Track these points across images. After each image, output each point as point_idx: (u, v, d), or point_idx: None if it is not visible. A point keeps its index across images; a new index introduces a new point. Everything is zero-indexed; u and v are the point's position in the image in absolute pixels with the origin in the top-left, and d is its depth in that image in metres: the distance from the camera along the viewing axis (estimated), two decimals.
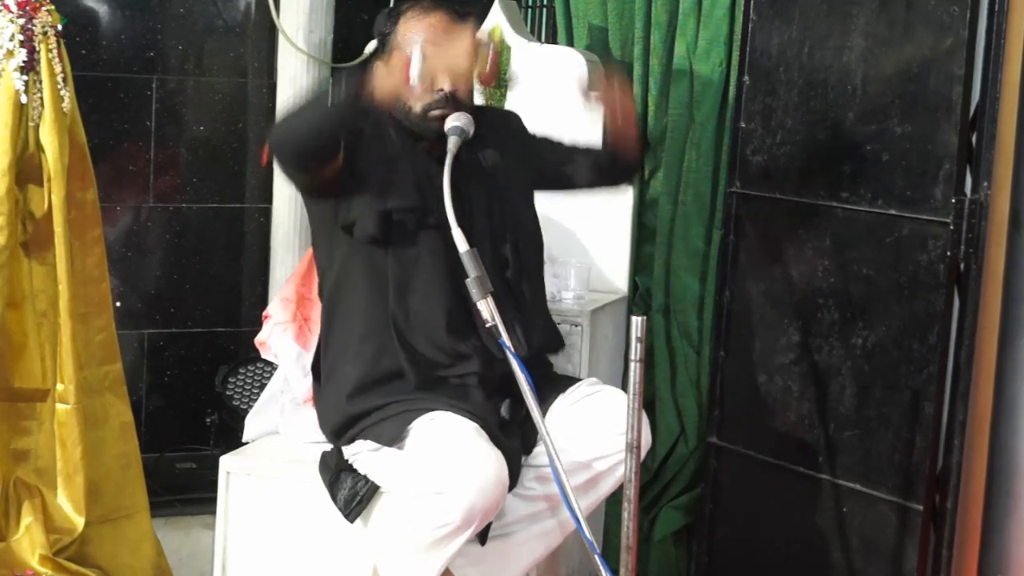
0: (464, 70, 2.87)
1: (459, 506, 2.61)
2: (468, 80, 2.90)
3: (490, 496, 2.63)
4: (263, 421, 3.34)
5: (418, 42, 2.83)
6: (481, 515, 2.64)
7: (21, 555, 3.14)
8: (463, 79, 2.88)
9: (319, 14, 4.04)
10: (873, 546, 3.07)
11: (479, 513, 2.63)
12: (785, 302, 3.23)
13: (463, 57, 2.84)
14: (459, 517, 2.62)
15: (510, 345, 2.51)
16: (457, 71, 2.85)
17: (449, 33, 2.88)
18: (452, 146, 2.78)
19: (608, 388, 2.94)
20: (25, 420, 3.19)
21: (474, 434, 2.71)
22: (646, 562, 3.71)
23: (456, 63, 2.84)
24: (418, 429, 2.77)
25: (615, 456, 2.78)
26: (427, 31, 2.88)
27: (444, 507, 2.62)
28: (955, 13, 2.85)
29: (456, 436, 2.71)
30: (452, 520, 2.62)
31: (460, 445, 2.69)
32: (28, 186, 3.13)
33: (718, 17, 3.60)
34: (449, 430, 2.73)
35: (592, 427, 2.80)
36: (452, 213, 2.62)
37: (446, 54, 2.84)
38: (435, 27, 2.89)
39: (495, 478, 2.64)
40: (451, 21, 2.90)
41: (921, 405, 2.94)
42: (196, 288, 4.20)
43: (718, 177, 3.63)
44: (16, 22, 3.05)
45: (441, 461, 2.68)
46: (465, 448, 2.68)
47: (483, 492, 2.62)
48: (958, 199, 2.85)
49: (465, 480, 2.62)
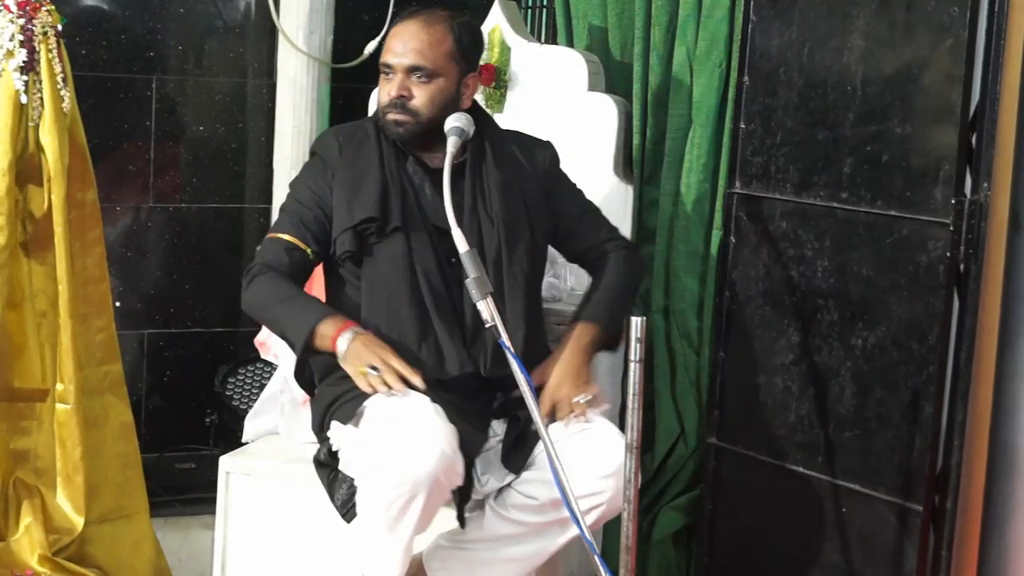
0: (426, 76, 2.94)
1: (403, 477, 2.62)
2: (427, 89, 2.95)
3: (434, 466, 2.62)
4: (263, 421, 3.35)
5: (387, 50, 2.98)
6: (428, 485, 2.63)
7: (21, 555, 3.14)
8: (419, 87, 2.94)
9: (319, 14, 4.04)
10: (872, 547, 3.07)
11: (424, 483, 2.62)
12: (785, 303, 3.23)
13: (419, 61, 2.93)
14: (405, 489, 2.62)
15: (509, 345, 2.51)
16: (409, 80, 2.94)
17: (409, 44, 2.95)
18: (451, 146, 2.82)
19: (600, 423, 2.89)
20: (25, 420, 3.19)
21: (423, 407, 2.72)
22: (646, 563, 3.71)
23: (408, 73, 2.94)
24: (371, 406, 2.79)
25: (597, 498, 2.76)
26: (393, 40, 2.98)
27: (389, 480, 2.63)
28: (955, 14, 2.85)
29: (405, 410, 2.72)
30: (400, 492, 2.62)
31: (407, 418, 2.70)
32: (28, 186, 3.13)
33: (718, 18, 3.60)
34: (400, 405, 2.74)
35: (579, 466, 2.72)
36: (452, 213, 2.63)
37: (402, 62, 2.94)
38: (399, 36, 2.97)
39: (440, 449, 2.64)
40: (417, 32, 2.96)
41: (921, 406, 2.94)
42: (196, 288, 4.20)
43: (718, 178, 3.63)
44: (16, 22, 3.05)
45: (386, 434, 2.70)
46: (411, 420, 2.69)
47: (425, 462, 2.62)
48: (958, 200, 2.85)
49: (407, 451, 2.63)
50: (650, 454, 3.72)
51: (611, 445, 2.79)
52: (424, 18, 2.98)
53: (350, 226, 2.91)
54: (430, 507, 2.69)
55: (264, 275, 2.91)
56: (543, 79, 3.84)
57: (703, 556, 3.46)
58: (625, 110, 3.78)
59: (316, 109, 4.08)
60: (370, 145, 2.99)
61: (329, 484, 2.85)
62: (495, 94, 3.87)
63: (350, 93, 4.15)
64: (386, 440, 2.68)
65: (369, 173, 2.95)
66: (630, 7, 3.81)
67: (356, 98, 3.99)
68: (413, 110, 2.94)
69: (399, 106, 2.94)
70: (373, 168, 2.96)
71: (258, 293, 2.92)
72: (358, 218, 2.91)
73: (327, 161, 3.01)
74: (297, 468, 3.04)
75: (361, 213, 2.91)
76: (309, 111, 4.06)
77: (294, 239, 2.94)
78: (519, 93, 3.87)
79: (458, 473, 2.72)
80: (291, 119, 4.06)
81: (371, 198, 2.92)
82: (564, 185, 3.15)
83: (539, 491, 2.83)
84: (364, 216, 2.91)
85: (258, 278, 2.92)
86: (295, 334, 2.86)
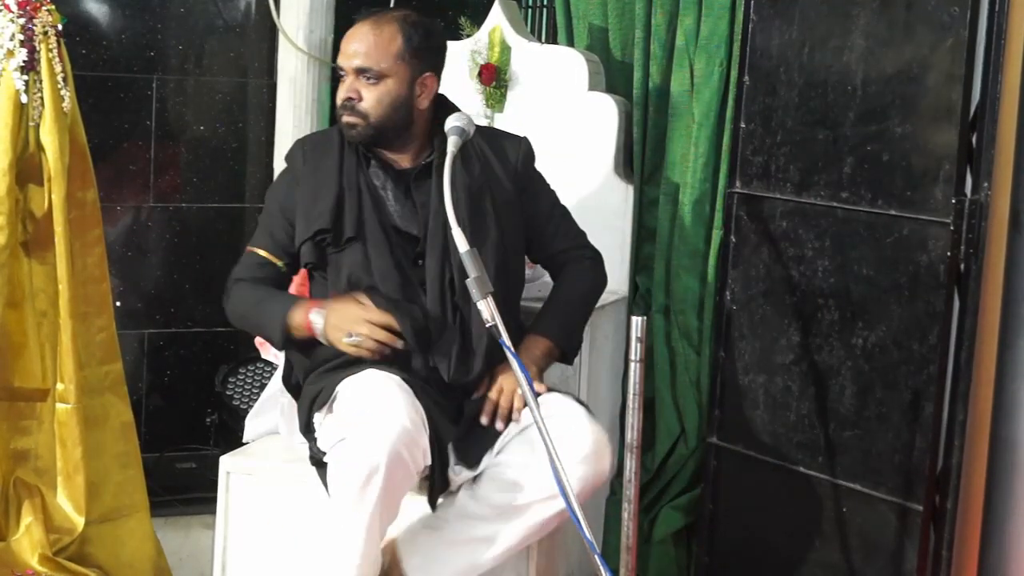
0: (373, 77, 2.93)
1: (364, 450, 2.62)
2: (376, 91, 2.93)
3: (395, 438, 2.61)
4: (263, 421, 3.34)
5: (340, 53, 2.97)
6: (388, 457, 2.61)
7: (21, 555, 3.14)
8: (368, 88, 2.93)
9: (319, 13, 4.04)
10: (873, 546, 3.07)
11: (384, 455, 2.61)
12: (785, 302, 3.23)
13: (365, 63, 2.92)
14: (366, 461, 2.61)
15: (509, 345, 2.50)
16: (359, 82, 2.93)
17: (358, 46, 2.95)
18: (452, 146, 2.80)
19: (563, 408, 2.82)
20: (25, 420, 3.19)
21: (389, 384, 2.73)
22: (646, 562, 3.71)
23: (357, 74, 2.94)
24: (343, 388, 2.82)
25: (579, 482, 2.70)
26: (345, 42, 2.99)
27: (351, 454, 2.63)
28: (955, 13, 2.85)
29: (372, 387, 2.74)
30: (361, 464, 2.61)
31: (371, 394, 2.71)
32: (28, 186, 3.13)
33: (718, 17, 3.60)
34: (368, 383, 2.76)
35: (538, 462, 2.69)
36: (452, 212, 2.62)
37: (351, 64, 2.94)
38: (350, 38, 2.98)
39: (401, 423, 2.63)
40: (367, 34, 2.96)
41: (921, 405, 2.94)
42: (196, 288, 4.20)
43: (718, 177, 3.63)
44: (16, 22, 3.05)
45: (352, 410, 2.71)
46: (376, 396, 2.70)
47: (386, 434, 2.61)
48: (958, 199, 2.85)
49: (369, 424, 2.63)
50: (650, 454, 3.72)
51: (582, 427, 2.77)
52: (375, 19, 2.98)
53: (306, 238, 2.95)
54: (393, 484, 2.65)
55: (237, 285, 3.01)
56: (543, 79, 3.84)
57: (703, 555, 3.47)
58: (625, 110, 3.78)
59: (316, 109, 4.08)
60: (332, 153, 3.00)
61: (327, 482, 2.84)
62: (495, 94, 3.87)
63: None
64: (351, 415, 2.70)
65: (326, 183, 2.96)
66: (630, 7, 3.81)
67: None
68: (362, 112, 2.93)
69: (349, 108, 2.94)
70: (331, 177, 2.96)
71: (237, 303, 3.01)
72: (312, 230, 2.94)
73: (293, 172, 3.04)
74: (297, 468, 3.03)
75: (315, 225, 2.93)
76: (309, 111, 4.06)
77: (266, 254, 3.02)
78: (519, 93, 3.87)
79: (423, 450, 2.70)
80: (291, 119, 4.06)
81: (325, 209, 2.93)
82: (535, 184, 3.11)
83: (511, 474, 2.81)
84: (317, 228, 2.93)
85: (233, 290, 3.01)
86: (272, 330, 2.93)
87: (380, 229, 2.92)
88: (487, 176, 2.99)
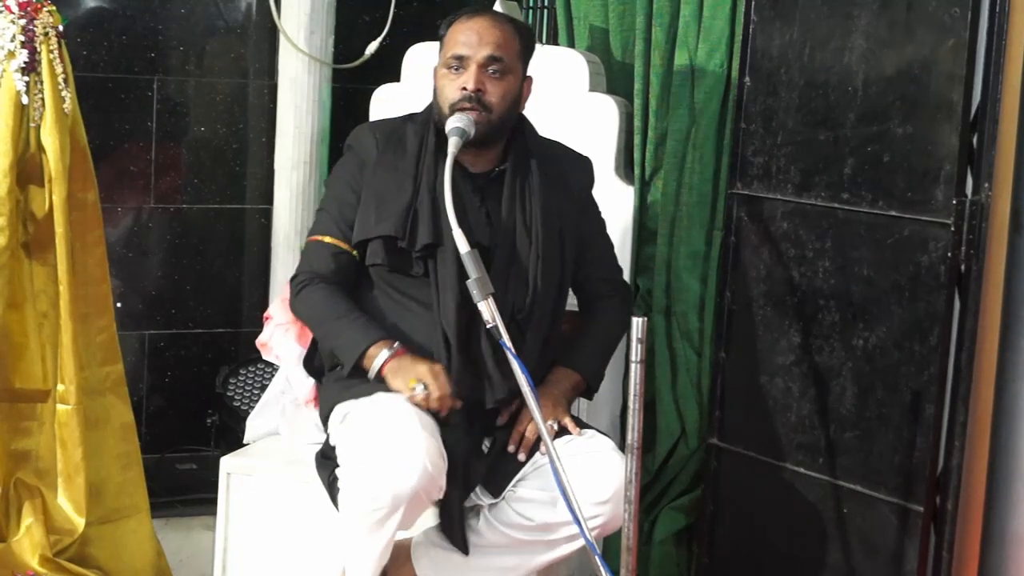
0: (497, 72, 2.87)
1: (384, 491, 2.59)
2: (501, 85, 2.87)
3: (415, 483, 2.59)
4: (264, 422, 3.35)
5: (457, 44, 2.87)
6: (409, 502, 2.60)
7: (21, 556, 3.14)
8: (493, 82, 2.86)
9: (320, 15, 4.04)
10: (873, 547, 3.07)
11: (405, 499, 2.60)
12: (786, 303, 3.23)
13: (498, 52, 2.85)
14: (386, 502, 2.60)
15: (510, 345, 2.50)
16: (484, 74, 2.85)
17: (485, 36, 2.88)
18: (452, 147, 2.79)
19: (603, 447, 2.83)
20: (26, 421, 3.19)
21: (408, 418, 2.68)
22: (646, 563, 3.71)
23: (483, 65, 2.85)
24: (357, 410, 2.78)
25: (591, 522, 2.69)
26: (464, 34, 2.89)
27: (370, 493, 2.61)
28: (956, 14, 2.85)
29: (390, 419, 2.69)
30: (381, 505, 2.60)
31: (392, 429, 2.67)
32: (29, 187, 3.13)
33: (719, 18, 3.60)
34: (385, 413, 2.71)
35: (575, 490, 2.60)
36: (452, 213, 2.62)
37: (480, 53, 2.85)
38: (472, 29, 2.89)
39: (422, 466, 2.60)
40: (492, 27, 2.90)
41: (922, 406, 2.94)
42: (197, 289, 4.20)
43: (719, 178, 3.63)
44: (17, 23, 3.05)
45: (370, 444, 2.66)
46: (395, 433, 2.65)
47: (407, 478, 2.59)
48: (959, 200, 2.85)
49: (389, 466, 2.60)
50: (651, 454, 3.72)
51: (610, 471, 2.75)
52: (492, 15, 2.95)
53: (370, 237, 2.86)
54: (410, 517, 2.68)
55: (314, 287, 2.88)
56: (544, 79, 3.83)
57: (704, 556, 3.47)
58: (626, 110, 3.78)
59: (317, 110, 4.08)
60: (409, 152, 2.90)
61: (329, 484, 2.84)
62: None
63: (351, 94, 4.16)
64: (370, 450, 2.65)
65: (402, 185, 2.86)
66: (631, 7, 3.81)
67: (357, 99, 3.99)
68: (488, 104, 2.83)
69: (476, 99, 2.83)
70: (407, 180, 2.86)
71: (310, 306, 2.89)
72: (378, 232, 2.85)
73: (364, 159, 2.93)
74: (298, 469, 3.04)
75: (381, 229, 2.84)
76: (310, 112, 4.06)
77: (337, 241, 2.90)
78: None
79: (439, 487, 2.68)
80: (292, 120, 4.06)
81: (397, 211, 2.84)
82: (592, 207, 3.11)
83: (534, 512, 2.81)
84: (384, 233, 2.84)
85: (308, 289, 2.89)
86: (346, 354, 2.82)
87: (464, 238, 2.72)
88: (558, 196, 2.96)
